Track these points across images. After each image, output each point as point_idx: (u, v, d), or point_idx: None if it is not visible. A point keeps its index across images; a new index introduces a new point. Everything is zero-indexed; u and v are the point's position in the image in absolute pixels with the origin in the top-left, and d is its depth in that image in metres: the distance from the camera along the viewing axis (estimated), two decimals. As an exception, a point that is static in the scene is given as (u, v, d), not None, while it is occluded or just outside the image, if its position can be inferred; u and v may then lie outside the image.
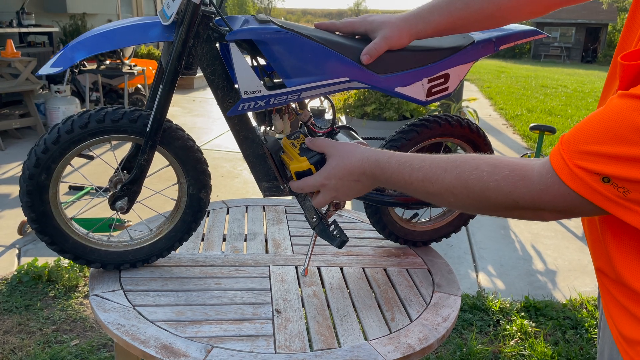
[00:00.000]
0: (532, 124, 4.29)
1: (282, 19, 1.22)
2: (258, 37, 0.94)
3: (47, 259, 2.81)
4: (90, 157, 1.15)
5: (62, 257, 2.09)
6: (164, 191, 1.30)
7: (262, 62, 1.01)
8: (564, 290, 2.92)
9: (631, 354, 0.70)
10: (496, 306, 2.64)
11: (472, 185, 0.74)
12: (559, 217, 0.71)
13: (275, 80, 1.01)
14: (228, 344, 0.91)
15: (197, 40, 0.97)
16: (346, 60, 0.99)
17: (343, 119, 4.03)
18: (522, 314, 2.61)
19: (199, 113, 7.11)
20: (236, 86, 0.99)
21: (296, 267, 1.20)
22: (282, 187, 1.11)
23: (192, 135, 1.08)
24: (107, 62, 5.86)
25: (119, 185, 1.05)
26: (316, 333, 0.97)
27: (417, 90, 1.07)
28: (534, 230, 3.76)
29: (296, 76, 0.97)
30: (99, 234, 1.11)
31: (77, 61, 0.94)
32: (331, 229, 1.05)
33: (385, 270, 1.22)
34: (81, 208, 3.46)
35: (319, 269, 1.21)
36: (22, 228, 3.16)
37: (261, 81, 0.98)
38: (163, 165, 1.14)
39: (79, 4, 8.28)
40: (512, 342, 2.40)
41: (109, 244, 1.09)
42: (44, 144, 0.97)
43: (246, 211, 1.51)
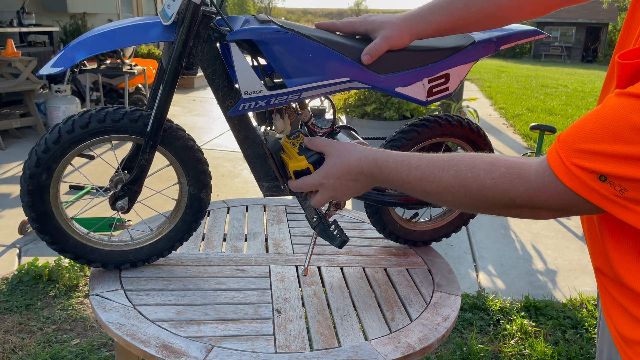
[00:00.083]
0: (533, 124, 4.29)
1: (283, 18, 1.22)
2: (258, 37, 0.94)
3: (48, 259, 2.81)
4: (91, 157, 1.16)
5: (62, 257, 2.09)
6: (165, 191, 1.30)
7: (263, 62, 1.01)
8: (564, 290, 2.92)
9: (629, 354, 0.70)
10: (496, 306, 2.64)
11: (469, 184, 0.74)
12: (556, 215, 0.71)
13: (275, 80, 1.01)
14: (228, 344, 0.91)
15: (197, 40, 0.97)
16: (347, 60, 0.99)
17: (343, 119, 4.03)
18: (522, 313, 2.61)
19: (200, 113, 7.11)
20: (237, 86, 0.99)
21: (296, 267, 1.20)
22: (282, 187, 1.11)
23: (193, 135, 1.08)
24: (108, 61, 5.86)
25: (119, 185, 1.05)
26: (316, 333, 0.98)
27: (417, 90, 1.07)
28: (534, 230, 3.76)
29: (297, 76, 0.98)
30: (100, 233, 1.11)
31: (78, 61, 0.94)
32: (331, 228, 1.05)
33: (385, 270, 1.22)
34: (82, 208, 3.47)
35: (319, 268, 1.21)
36: (23, 227, 3.16)
37: (262, 81, 0.98)
38: (163, 165, 1.14)
39: (79, 3, 8.28)
40: (512, 342, 2.40)
41: (109, 244, 1.09)
42: (45, 144, 0.97)
43: (246, 211, 1.51)
